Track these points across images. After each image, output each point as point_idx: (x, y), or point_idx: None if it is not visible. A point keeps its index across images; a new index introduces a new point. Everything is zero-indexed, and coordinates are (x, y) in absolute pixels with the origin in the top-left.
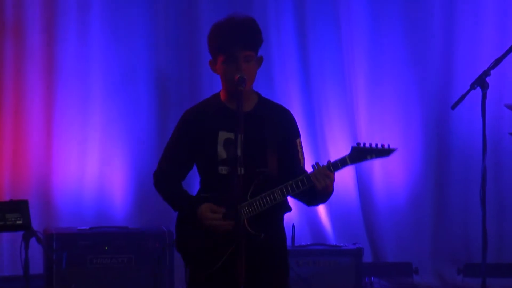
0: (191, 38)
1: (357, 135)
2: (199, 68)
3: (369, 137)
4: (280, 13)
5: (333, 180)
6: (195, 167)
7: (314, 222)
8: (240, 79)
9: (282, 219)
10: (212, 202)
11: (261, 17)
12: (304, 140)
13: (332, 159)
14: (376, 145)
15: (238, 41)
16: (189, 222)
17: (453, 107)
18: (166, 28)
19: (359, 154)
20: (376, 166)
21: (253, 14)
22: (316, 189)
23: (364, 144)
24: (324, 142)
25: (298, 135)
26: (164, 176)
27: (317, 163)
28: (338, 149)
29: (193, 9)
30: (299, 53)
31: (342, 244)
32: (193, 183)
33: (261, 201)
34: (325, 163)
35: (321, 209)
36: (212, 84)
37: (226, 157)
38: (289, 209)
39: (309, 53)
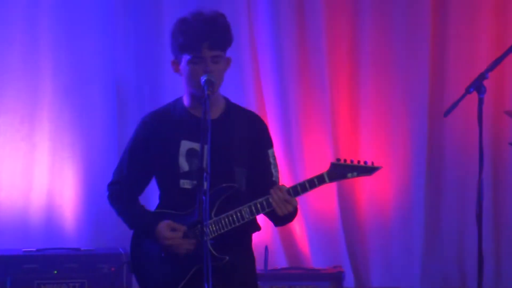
0: (153, 36)
1: (338, 145)
2: (162, 69)
3: (352, 147)
4: (253, 9)
5: (294, 205)
6: (154, 180)
7: (289, 243)
8: (207, 81)
9: (251, 239)
10: (172, 219)
11: (231, 13)
12: (279, 151)
13: (310, 172)
14: (358, 162)
15: (206, 39)
16: (146, 241)
17: (446, 114)
18: (125, 26)
19: (339, 171)
20: (360, 180)
21: (222, 10)
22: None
23: (345, 160)
24: (301, 152)
25: (270, 145)
26: (119, 190)
27: (276, 187)
28: (317, 160)
29: (156, 5)
30: (274, 53)
31: (321, 267)
32: (152, 197)
33: (227, 220)
34: (301, 182)
35: (298, 229)
36: (176, 88)
37: (188, 170)
38: (258, 228)
39: (285, 54)
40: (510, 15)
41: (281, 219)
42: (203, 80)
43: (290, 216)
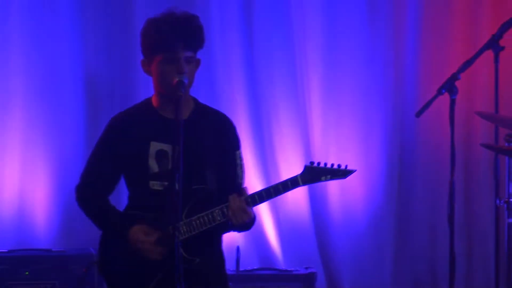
0: (125, 36)
1: (311, 146)
2: (133, 69)
3: (324, 148)
4: (224, 10)
5: (250, 216)
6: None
7: (261, 244)
8: (179, 82)
9: (221, 240)
10: (143, 221)
11: (202, 14)
12: (251, 153)
13: (283, 175)
14: (332, 165)
15: (180, 39)
16: (115, 243)
17: (418, 114)
18: (96, 25)
19: (313, 174)
20: (332, 181)
21: (194, 10)
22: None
23: (319, 163)
24: (273, 154)
25: (238, 146)
26: (88, 191)
27: (236, 195)
28: (290, 162)
29: (127, 4)
30: (245, 54)
31: (292, 269)
32: (121, 197)
33: (198, 222)
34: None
35: (270, 229)
36: (148, 88)
37: (158, 171)
38: (228, 229)
39: (256, 54)
40: (481, 16)
41: (236, 227)
42: (175, 81)
43: (246, 225)
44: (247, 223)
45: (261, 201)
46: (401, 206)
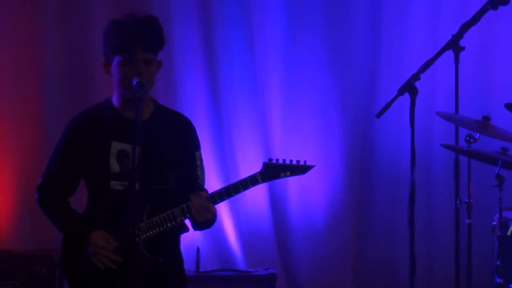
0: (82, 37)
1: (270, 146)
2: (92, 70)
3: (284, 148)
4: (184, 12)
5: (212, 212)
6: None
7: (221, 245)
8: (139, 83)
9: (179, 241)
10: (103, 222)
11: (162, 15)
12: (211, 153)
13: (242, 174)
14: (291, 161)
15: (139, 41)
16: (77, 245)
17: (378, 115)
18: (54, 24)
19: (272, 171)
20: (292, 181)
21: (153, 12)
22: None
23: (277, 160)
24: (233, 154)
25: (198, 147)
26: (49, 192)
27: (197, 193)
28: (250, 162)
29: (84, 4)
30: (204, 54)
31: (252, 269)
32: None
33: (159, 221)
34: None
35: (230, 230)
36: (107, 88)
37: (119, 171)
38: (186, 229)
39: (216, 55)
40: (442, 16)
41: (200, 225)
42: (134, 82)
43: (209, 222)
44: (210, 220)
45: (221, 200)
46: (361, 207)
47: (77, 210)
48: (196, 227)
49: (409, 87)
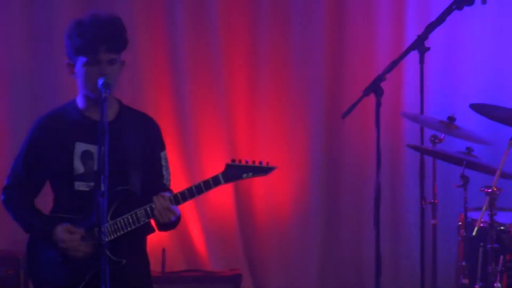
0: (46, 37)
1: (236, 146)
2: (59, 69)
3: (249, 149)
4: (150, 9)
5: (176, 214)
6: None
7: (187, 245)
8: (104, 84)
9: (145, 241)
10: (69, 223)
11: (127, 14)
12: (176, 153)
13: (208, 174)
14: (254, 162)
15: (103, 42)
16: (42, 245)
17: (344, 115)
18: (21, 26)
19: (234, 172)
20: (258, 182)
21: (117, 11)
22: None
23: (240, 161)
24: (197, 154)
25: (163, 147)
26: (14, 193)
27: (160, 195)
28: (215, 162)
29: (50, 5)
30: (168, 53)
31: (218, 270)
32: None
33: (123, 222)
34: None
35: (196, 231)
36: (72, 89)
37: (83, 172)
38: (152, 230)
39: (180, 55)
40: (407, 17)
41: (163, 226)
42: (100, 83)
43: (173, 223)
44: (173, 221)
45: (184, 201)
46: (327, 207)
47: (43, 211)
48: (160, 228)
49: (375, 88)
